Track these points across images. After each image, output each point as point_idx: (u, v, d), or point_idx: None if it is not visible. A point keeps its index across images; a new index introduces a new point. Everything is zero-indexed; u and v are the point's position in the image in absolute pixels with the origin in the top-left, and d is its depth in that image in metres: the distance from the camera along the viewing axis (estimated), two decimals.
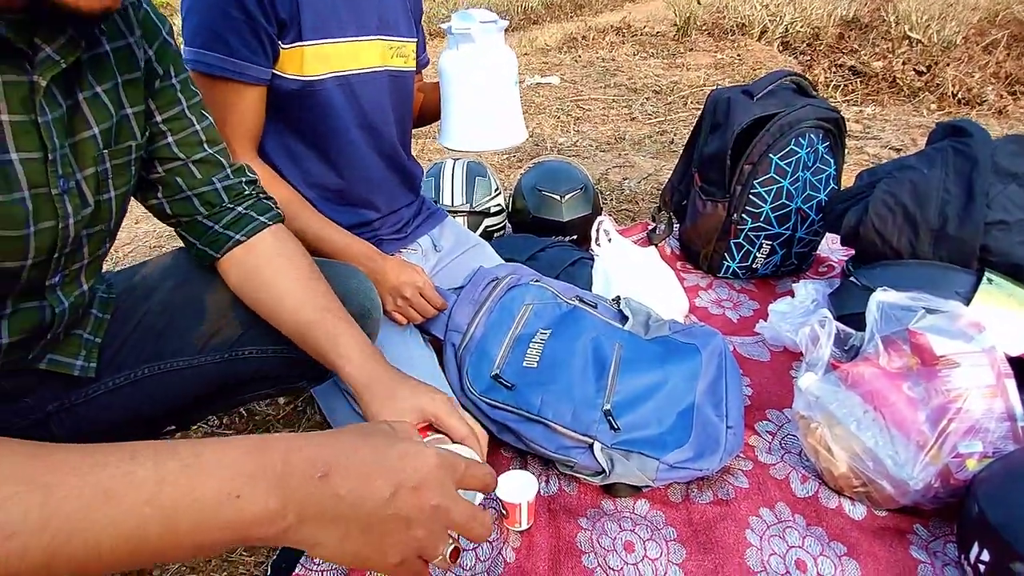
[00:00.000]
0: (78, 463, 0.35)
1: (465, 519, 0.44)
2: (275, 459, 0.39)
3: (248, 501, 0.37)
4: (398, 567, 0.42)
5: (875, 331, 0.96)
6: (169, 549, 0.36)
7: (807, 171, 1.44)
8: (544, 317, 1.12)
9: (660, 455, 0.93)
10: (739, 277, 1.55)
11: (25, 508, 0.32)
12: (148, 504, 0.34)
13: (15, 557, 0.31)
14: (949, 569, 0.84)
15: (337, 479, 0.39)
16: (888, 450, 0.87)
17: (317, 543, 0.39)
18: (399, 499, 0.41)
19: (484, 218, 1.60)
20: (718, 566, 0.84)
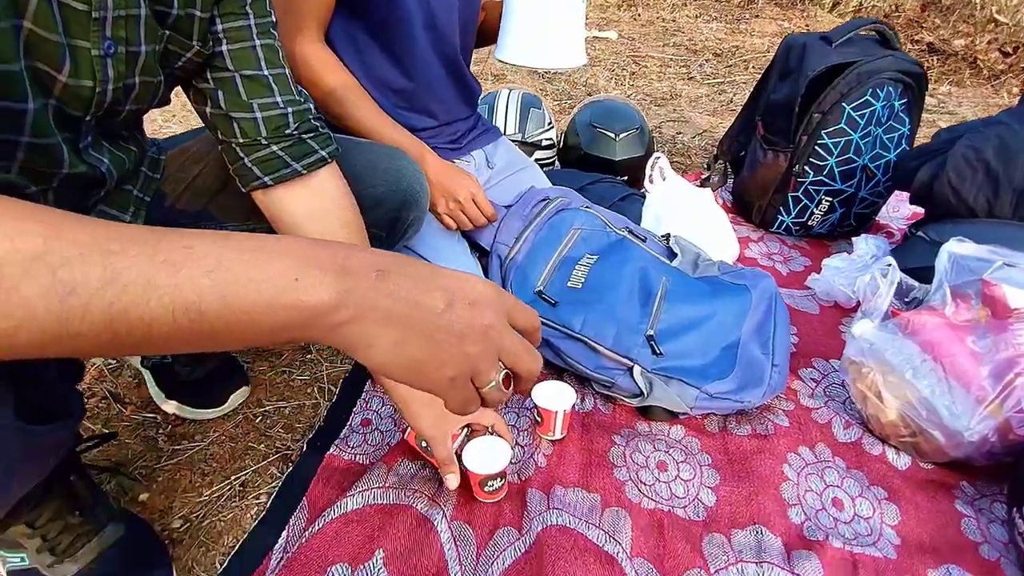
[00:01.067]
0: (140, 236, 0.34)
1: (517, 346, 0.43)
2: (336, 253, 0.38)
3: (308, 286, 0.36)
4: (450, 383, 0.41)
5: (944, 280, 0.91)
6: (225, 328, 0.35)
7: (879, 127, 1.36)
8: (591, 243, 1.10)
9: (701, 384, 0.91)
10: (792, 234, 1.50)
11: (88, 266, 0.31)
12: (207, 276, 0.33)
13: (76, 316, 0.31)
14: (995, 527, 0.80)
15: (394, 280, 0.39)
16: (945, 400, 0.83)
17: (372, 344, 0.38)
18: (454, 311, 0.40)
19: (535, 151, 1.57)
20: (752, 494, 0.82)
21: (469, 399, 0.42)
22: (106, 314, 0.32)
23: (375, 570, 0.71)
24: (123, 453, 0.85)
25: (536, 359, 0.44)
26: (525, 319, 0.44)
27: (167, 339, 0.34)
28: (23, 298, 0.30)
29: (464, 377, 0.41)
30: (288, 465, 0.84)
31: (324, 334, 0.37)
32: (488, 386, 0.42)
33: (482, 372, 0.41)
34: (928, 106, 2.24)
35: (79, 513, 0.65)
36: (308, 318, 0.36)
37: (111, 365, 1.00)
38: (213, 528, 0.76)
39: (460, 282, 0.41)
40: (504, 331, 0.42)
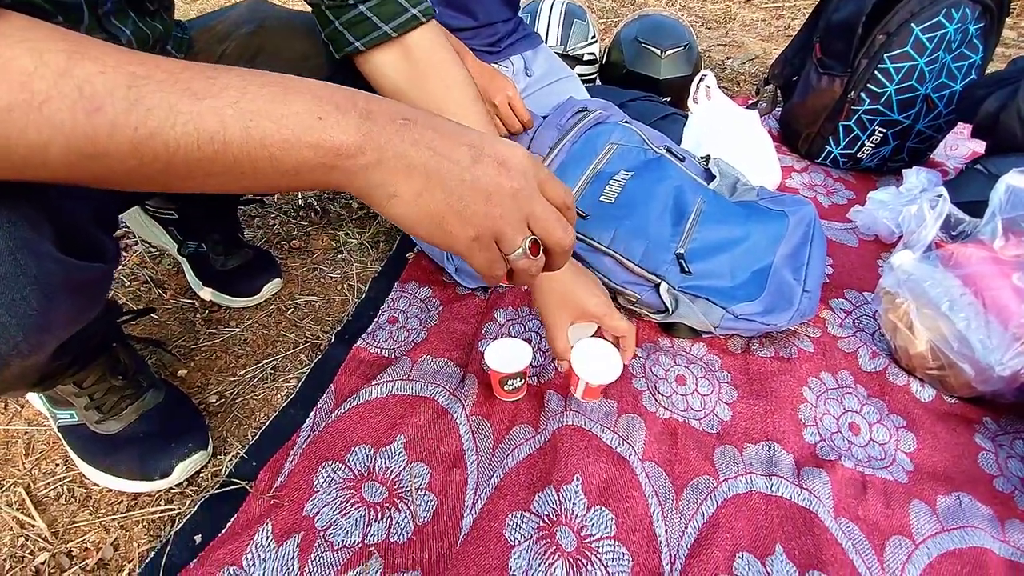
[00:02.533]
0: (165, 63, 0.34)
1: (548, 215, 0.41)
2: (359, 97, 0.37)
3: (331, 125, 0.35)
4: (474, 243, 0.40)
5: (997, 212, 0.87)
6: (249, 162, 0.34)
7: (949, 53, 1.26)
8: (627, 159, 1.07)
9: (728, 305, 0.90)
10: (839, 166, 1.43)
11: (112, 85, 0.31)
12: (231, 106, 0.33)
13: (104, 133, 0.31)
14: (1013, 462, 0.80)
15: (419, 129, 0.38)
16: (980, 334, 0.81)
17: (394, 194, 0.37)
18: (481, 166, 0.39)
19: (576, 65, 1.50)
20: (767, 412, 0.83)
21: (494, 261, 0.41)
22: (132, 135, 0.32)
23: (396, 453, 0.74)
24: (163, 333, 0.89)
25: (568, 232, 0.43)
26: (558, 192, 0.43)
27: (191, 169, 0.34)
28: (53, 111, 0.30)
29: (488, 238, 0.40)
30: (317, 354, 0.87)
31: (346, 178, 0.37)
32: (514, 252, 0.41)
33: (507, 236, 0.40)
34: (1005, 39, 2.07)
35: (122, 377, 0.69)
36: (331, 158, 0.36)
37: (152, 252, 1.03)
38: (246, 405, 0.80)
39: (491, 142, 0.40)
40: (534, 196, 0.40)
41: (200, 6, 2.34)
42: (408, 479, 0.72)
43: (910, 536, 0.70)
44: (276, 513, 0.67)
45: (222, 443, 0.75)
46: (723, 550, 0.67)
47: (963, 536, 0.70)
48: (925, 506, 0.73)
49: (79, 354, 0.65)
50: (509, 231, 0.40)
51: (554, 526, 0.67)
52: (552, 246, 0.42)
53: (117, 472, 0.68)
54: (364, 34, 0.64)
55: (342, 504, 0.68)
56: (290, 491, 0.69)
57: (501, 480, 0.72)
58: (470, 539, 0.66)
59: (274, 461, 0.72)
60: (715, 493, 0.73)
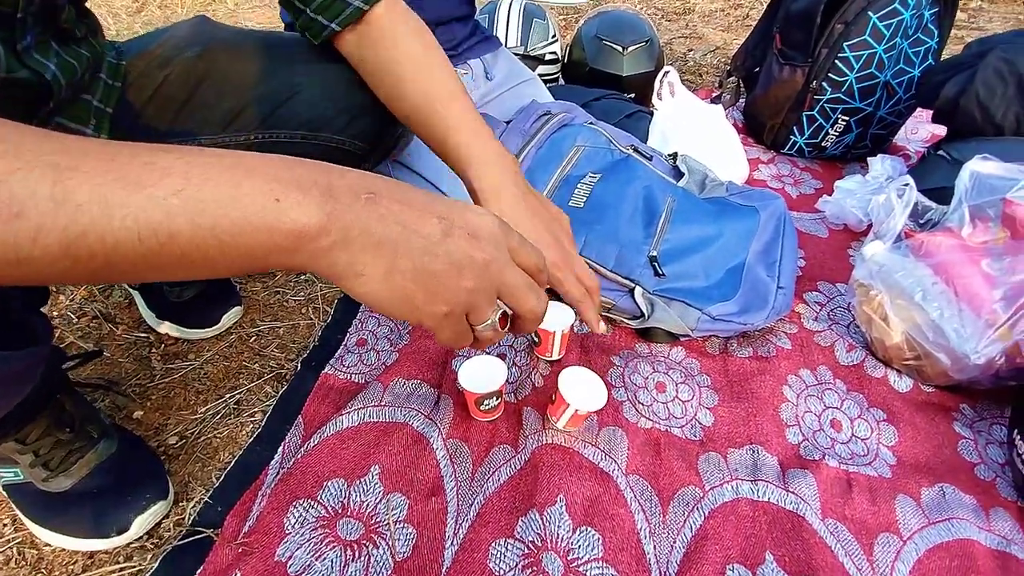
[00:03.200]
0: (94, 149, 0.30)
1: (519, 284, 0.40)
2: (320, 173, 0.34)
3: (291, 206, 0.32)
4: (443, 319, 0.38)
5: (963, 199, 0.87)
6: (200, 253, 0.31)
7: (906, 40, 1.27)
8: (595, 162, 1.05)
9: (703, 306, 0.89)
10: (804, 155, 1.43)
11: (33, 186, 0.27)
12: (176, 196, 0.30)
13: (27, 240, 0.27)
14: (992, 448, 0.80)
15: (386, 203, 0.35)
16: (953, 323, 0.81)
17: (361, 273, 0.35)
18: (452, 240, 0.37)
19: (538, 65, 1.48)
20: (750, 415, 0.81)
21: (461, 335, 0.40)
22: (61, 238, 0.28)
23: (371, 484, 0.71)
24: (116, 372, 0.84)
25: (540, 299, 0.41)
26: (529, 257, 0.41)
27: (135, 265, 0.30)
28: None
29: (459, 313, 0.38)
30: (283, 384, 0.83)
31: (310, 260, 0.34)
32: (483, 324, 0.40)
33: (478, 309, 0.39)
34: (957, 21, 2.10)
35: (69, 429, 0.64)
36: (292, 242, 0.33)
37: (101, 286, 0.98)
38: (209, 444, 0.76)
39: (460, 211, 0.38)
40: (506, 267, 0.39)
41: (146, 17, 2.25)
42: (385, 512, 0.69)
43: (897, 532, 0.70)
44: (245, 561, 0.63)
45: (184, 488, 0.71)
46: (713, 564, 0.65)
47: (949, 528, 0.70)
48: (910, 500, 0.73)
49: (20, 410, 0.60)
50: (480, 304, 0.38)
51: (540, 552, 0.65)
52: (524, 314, 0.41)
53: (69, 531, 0.64)
54: (337, 14, 0.64)
55: (316, 545, 0.65)
56: (259, 536, 0.65)
57: (482, 506, 0.69)
58: (453, 573, 0.63)
59: (241, 504, 0.68)
60: (702, 504, 0.71)
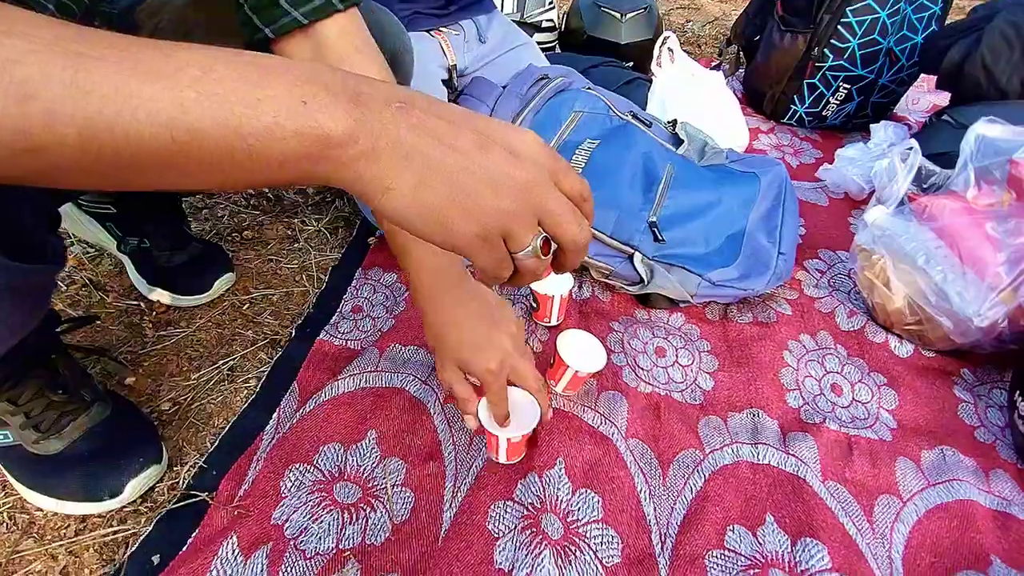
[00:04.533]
0: (109, 38, 0.28)
1: (564, 210, 0.36)
2: (347, 79, 0.32)
3: (318, 109, 0.30)
4: (478, 242, 0.35)
5: (968, 161, 0.85)
6: (219, 154, 0.29)
7: (910, 5, 1.25)
8: (593, 127, 1.03)
9: (704, 272, 0.88)
10: (804, 125, 1.41)
11: (47, 68, 0.26)
12: (192, 87, 0.28)
13: (39, 124, 0.26)
14: (992, 411, 0.80)
15: (419, 114, 0.33)
16: (957, 286, 0.80)
17: (389, 187, 0.32)
18: (489, 155, 0.34)
19: (534, 33, 1.45)
20: (750, 379, 0.81)
21: (501, 261, 0.36)
22: (72, 123, 0.26)
23: (368, 449, 0.70)
24: (107, 339, 0.83)
25: (584, 229, 0.38)
26: (574, 184, 0.38)
27: (149, 163, 0.29)
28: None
29: (495, 236, 0.35)
30: (277, 351, 0.82)
31: (335, 170, 0.32)
32: (523, 251, 0.36)
33: (517, 233, 0.35)
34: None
35: (62, 391, 0.63)
36: (319, 149, 0.30)
37: (90, 253, 0.96)
38: (203, 411, 0.75)
39: (501, 128, 0.35)
40: (548, 189, 0.35)
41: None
42: (383, 476, 0.68)
43: (897, 494, 0.69)
44: (241, 524, 0.62)
45: (178, 453, 0.70)
46: (714, 524, 0.65)
47: (949, 490, 0.70)
48: (910, 463, 0.73)
49: (13, 368, 0.59)
50: (519, 228, 0.35)
51: (539, 514, 0.64)
52: (566, 244, 0.37)
53: (61, 495, 0.62)
54: (272, 20, 0.57)
55: (313, 508, 0.64)
56: (255, 499, 0.64)
57: (481, 470, 0.68)
58: (452, 535, 0.63)
59: (236, 468, 0.67)
60: (702, 466, 0.71)
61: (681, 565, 0.61)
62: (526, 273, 0.38)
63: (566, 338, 0.74)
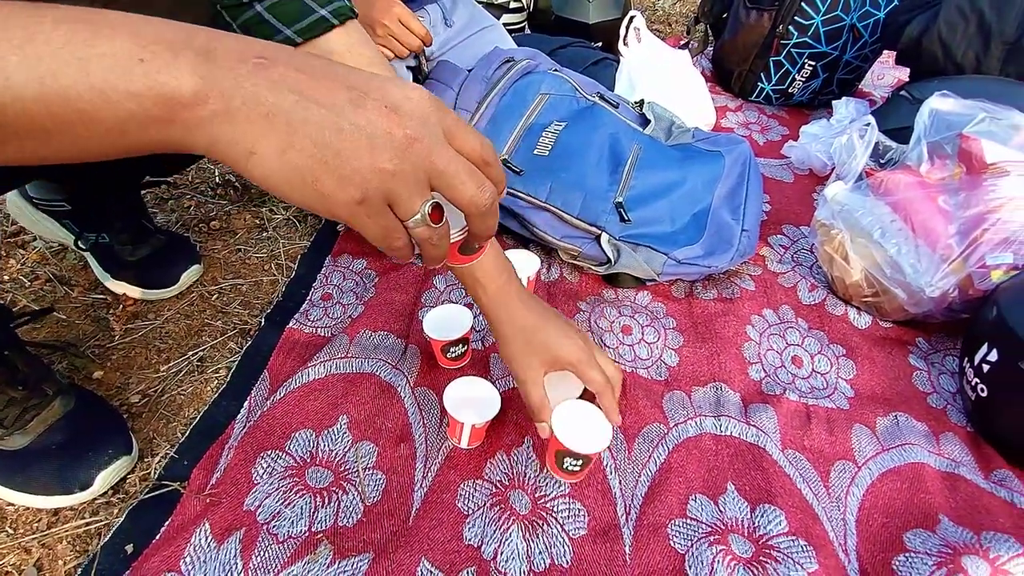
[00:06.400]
0: None
1: (457, 169, 0.33)
2: (195, 34, 0.30)
3: (158, 68, 0.27)
4: (359, 209, 0.32)
5: (922, 136, 0.87)
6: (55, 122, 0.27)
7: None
8: (560, 110, 1.03)
9: (669, 250, 0.89)
10: (771, 103, 1.43)
11: None
12: (16, 52, 0.26)
13: None
14: (944, 378, 0.83)
15: (281, 69, 0.30)
16: (910, 258, 0.83)
17: (252, 151, 0.30)
18: (363, 111, 0.31)
19: (502, 13, 1.43)
20: (713, 354, 0.83)
21: (389, 231, 0.33)
22: None
23: (339, 434, 0.71)
24: (72, 334, 0.82)
25: (485, 190, 0.34)
26: (472, 144, 0.35)
27: None
28: None
29: (377, 200, 0.32)
30: (247, 340, 0.82)
31: (187, 133, 0.29)
32: (412, 218, 0.33)
33: (401, 196, 0.32)
34: None
35: (22, 387, 0.62)
36: (161, 110, 0.28)
37: (53, 248, 0.94)
38: (173, 402, 0.75)
39: (379, 82, 0.32)
40: (436, 147, 0.32)
41: None
42: (354, 460, 0.69)
43: (853, 460, 0.72)
44: (214, 511, 0.63)
45: (149, 445, 0.70)
46: (676, 494, 0.67)
47: (901, 454, 0.73)
48: (866, 429, 0.76)
49: None
50: (403, 190, 0.32)
51: (507, 491, 0.66)
52: (464, 206, 0.34)
53: (31, 489, 0.63)
54: (296, 19, 0.54)
55: (285, 494, 0.65)
56: (227, 487, 0.65)
57: (451, 451, 0.70)
58: (422, 514, 0.64)
59: (208, 457, 0.68)
60: (666, 439, 0.73)
61: (644, 534, 0.64)
62: (423, 245, 0.35)
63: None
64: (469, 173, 0.34)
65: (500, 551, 0.61)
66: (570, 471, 0.65)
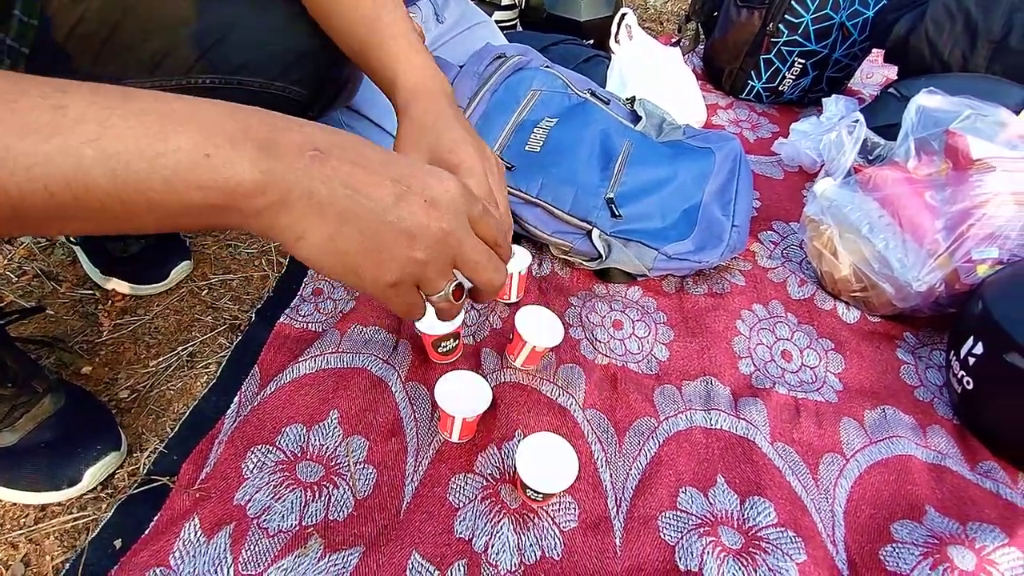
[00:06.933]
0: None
1: (479, 255, 0.38)
2: (260, 123, 0.32)
3: (223, 162, 0.29)
4: (391, 289, 0.36)
5: (909, 133, 0.88)
6: (124, 208, 0.29)
7: None
8: (551, 106, 1.03)
9: (660, 246, 0.90)
10: (762, 100, 1.44)
11: None
12: (90, 145, 0.27)
13: None
14: (931, 372, 0.84)
15: (334, 163, 0.33)
16: (897, 253, 0.84)
17: (301, 236, 0.33)
18: (406, 206, 0.34)
19: (494, 11, 1.44)
20: (704, 348, 0.83)
21: (413, 307, 0.39)
22: None
23: (330, 429, 0.71)
24: (61, 329, 0.82)
25: (498, 270, 0.40)
26: (490, 230, 0.40)
27: (51, 218, 0.28)
28: None
29: (407, 284, 0.37)
30: (237, 335, 0.82)
31: (244, 220, 0.32)
32: (437, 295, 0.38)
33: (431, 280, 0.37)
34: None
35: (11, 384, 0.62)
36: (225, 200, 0.30)
37: (40, 243, 0.94)
38: (162, 397, 0.75)
39: (420, 175, 0.36)
40: (465, 237, 0.37)
41: None
42: (345, 454, 0.69)
43: (841, 452, 0.73)
44: (203, 506, 0.63)
45: (138, 440, 0.70)
46: (667, 487, 0.68)
47: (889, 446, 0.74)
48: (854, 422, 0.76)
49: None
50: (433, 275, 0.37)
51: (498, 484, 0.66)
52: (483, 286, 0.40)
53: (19, 485, 0.62)
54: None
55: (275, 488, 0.65)
56: (217, 481, 0.65)
57: (442, 444, 0.70)
58: (413, 507, 0.64)
59: (197, 452, 0.68)
60: (656, 432, 0.73)
61: (635, 526, 0.64)
62: (440, 312, 0.41)
63: (524, 314, 0.75)
64: (488, 259, 0.39)
65: (491, 544, 0.61)
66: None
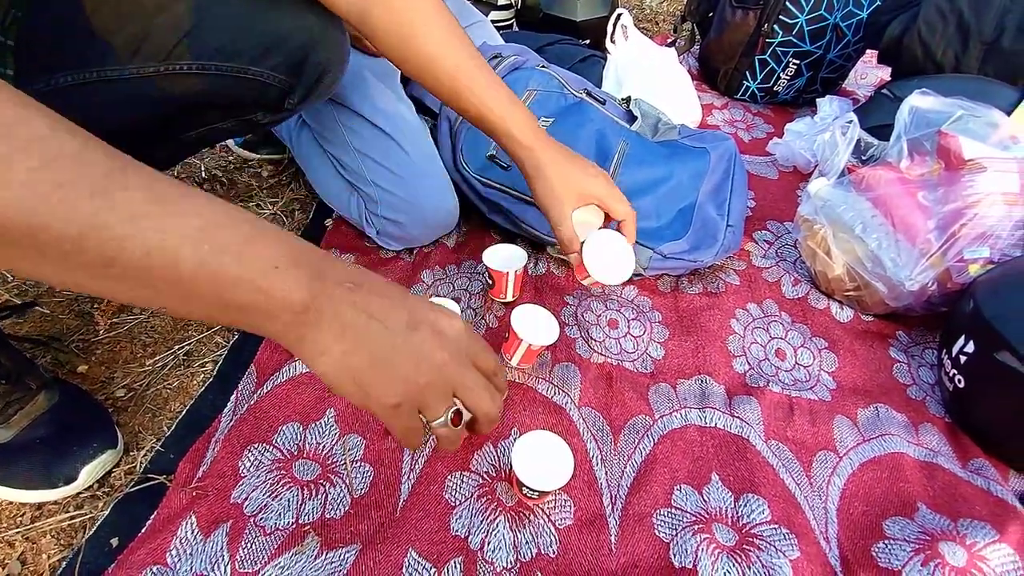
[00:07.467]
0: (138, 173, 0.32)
1: (477, 386, 0.43)
2: (314, 255, 0.38)
3: (285, 276, 0.35)
4: (394, 410, 0.40)
5: (902, 133, 0.89)
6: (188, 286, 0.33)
7: None
8: (547, 106, 1.04)
9: (655, 245, 0.90)
10: (757, 101, 1.45)
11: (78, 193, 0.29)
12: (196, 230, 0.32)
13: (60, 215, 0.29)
14: (924, 370, 0.85)
15: (363, 294, 0.39)
16: (890, 252, 0.84)
17: (324, 352, 0.38)
18: (416, 334, 0.40)
19: (490, 10, 1.44)
20: (698, 347, 0.84)
21: (413, 431, 0.42)
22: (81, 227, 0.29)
23: (327, 427, 0.71)
24: (57, 328, 0.82)
25: (495, 403, 0.44)
26: (488, 364, 0.45)
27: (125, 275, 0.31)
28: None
29: (410, 406, 0.41)
30: (233, 334, 0.82)
31: (283, 330, 0.36)
32: (437, 420, 0.42)
33: (431, 405, 0.41)
34: None
35: (4, 381, 0.62)
36: (276, 309, 0.35)
37: None
38: (159, 396, 0.75)
39: (431, 312, 0.42)
40: (464, 368, 0.42)
41: None
42: (342, 453, 0.69)
43: (834, 450, 0.74)
44: (200, 504, 0.63)
45: (135, 439, 0.70)
46: (661, 485, 0.68)
47: (881, 444, 0.74)
48: (847, 420, 0.77)
49: None
50: (432, 401, 0.41)
51: (494, 482, 0.67)
52: (479, 417, 0.44)
53: (14, 483, 0.62)
54: None
55: (272, 486, 0.65)
56: (214, 479, 0.65)
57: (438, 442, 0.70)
58: (409, 505, 0.65)
59: (194, 451, 0.68)
60: (652, 431, 0.74)
61: (630, 524, 0.65)
62: (441, 439, 0.44)
63: (520, 313, 0.76)
64: (486, 389, 0.44)
65: (487, 541, 0.62)
66: (528, 497, 0.65)
